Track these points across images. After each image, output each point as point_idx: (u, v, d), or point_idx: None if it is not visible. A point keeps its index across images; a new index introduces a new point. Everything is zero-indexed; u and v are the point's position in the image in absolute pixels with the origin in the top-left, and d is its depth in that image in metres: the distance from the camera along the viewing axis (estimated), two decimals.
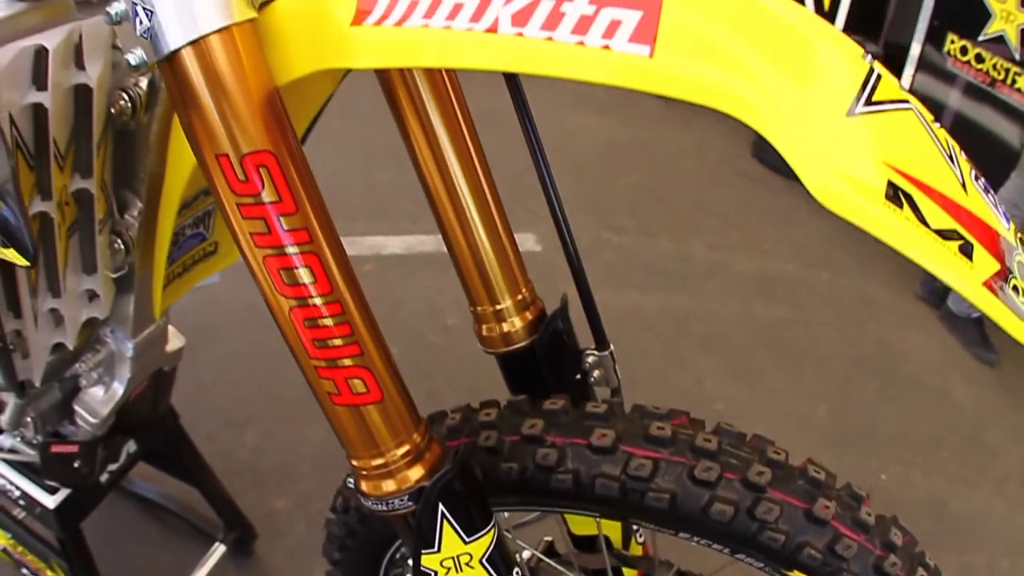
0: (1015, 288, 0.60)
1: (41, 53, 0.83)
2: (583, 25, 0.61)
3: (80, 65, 0.88)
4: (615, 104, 5.15)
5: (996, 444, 2.78)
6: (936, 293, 3.51)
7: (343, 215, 0.90)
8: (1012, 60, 3.64)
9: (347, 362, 0.76)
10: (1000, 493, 2.58)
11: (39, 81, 0.85)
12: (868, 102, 0.57)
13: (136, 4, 0.68)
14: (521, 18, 0.63)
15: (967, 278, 0.58)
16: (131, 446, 1.59)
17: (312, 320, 0.74)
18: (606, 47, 0.60)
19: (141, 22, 0.69)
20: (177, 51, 0.68)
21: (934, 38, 4.16)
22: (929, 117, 0.63)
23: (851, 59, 0.59)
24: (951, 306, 3.37)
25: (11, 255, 0.78)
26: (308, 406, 0.85)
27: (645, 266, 3.51)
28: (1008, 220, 0.63)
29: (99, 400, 1.27)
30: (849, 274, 3.62)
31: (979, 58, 3.87)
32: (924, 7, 4.18)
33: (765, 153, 4.81)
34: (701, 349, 2.99)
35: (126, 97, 0.91)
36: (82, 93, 0.89)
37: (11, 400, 1.27)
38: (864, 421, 2.77)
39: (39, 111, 0.86)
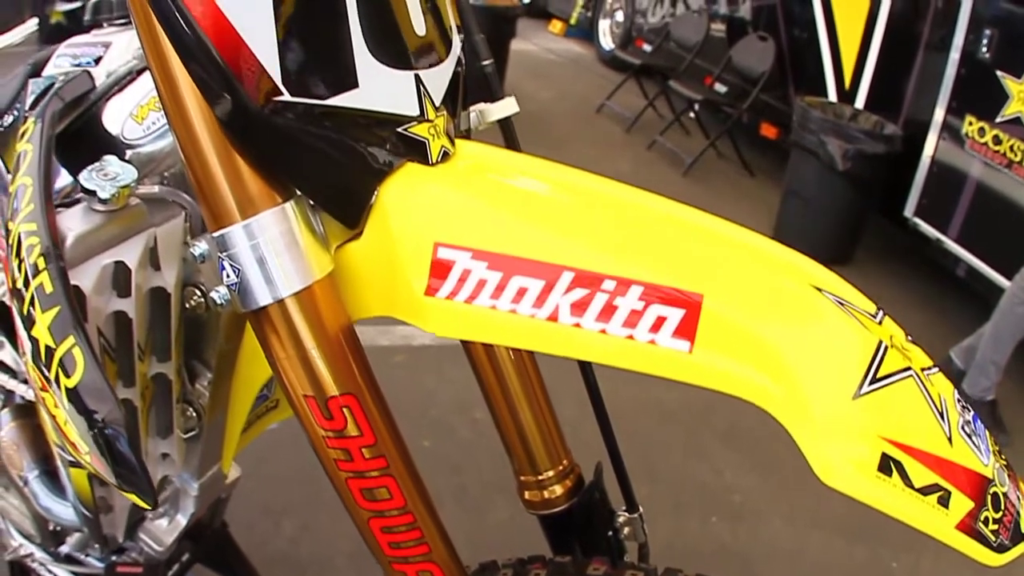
0: (986, 520, 0.69)
1: (123, 265, 0.91)
2: (633, 319, 0.71)
3: (156, 266, 0.95)
4: (630, 174, 5.27)
5: None
6: (951, 375, 3.53)
7: None
8: None
9: (418, 558, 0.87)
10: (1009, 573, 2.63)
11: (121, 290, 0.92)
12: (873, 380, 0.67)
13: (224, 259, 0.77)
14: (579, 308, 0.72)
15: (941, 525, 0.67)
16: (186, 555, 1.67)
17: (388, 528, 0.85)
18: (652, 342, 0.70)
19: (228, 276, 0.77)
20: (263, 307, 0.77)
21: (953, 119, 4.24)
22: (925, 367, 0.74)
23: (864, 341, 0.69)
24: (966, 390, 3.42)
25: (132, 498, 0.83)
26: None
27: None
28: (989, 455, 0.72)
29: (163, 530, 1.35)
30: None
31: (996, 140, 3.93)
32: (943, 88, 4.27)
33: (785, 233, 4.94)
34: (721, 441, 3.05)
35: (199, 293, 0.98)
36: (159, 292, 0.96)
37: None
38: (876, 511, 2.80)
39: (122, 316, 0.93)
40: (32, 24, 1.85)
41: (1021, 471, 2.44)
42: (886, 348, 0.69)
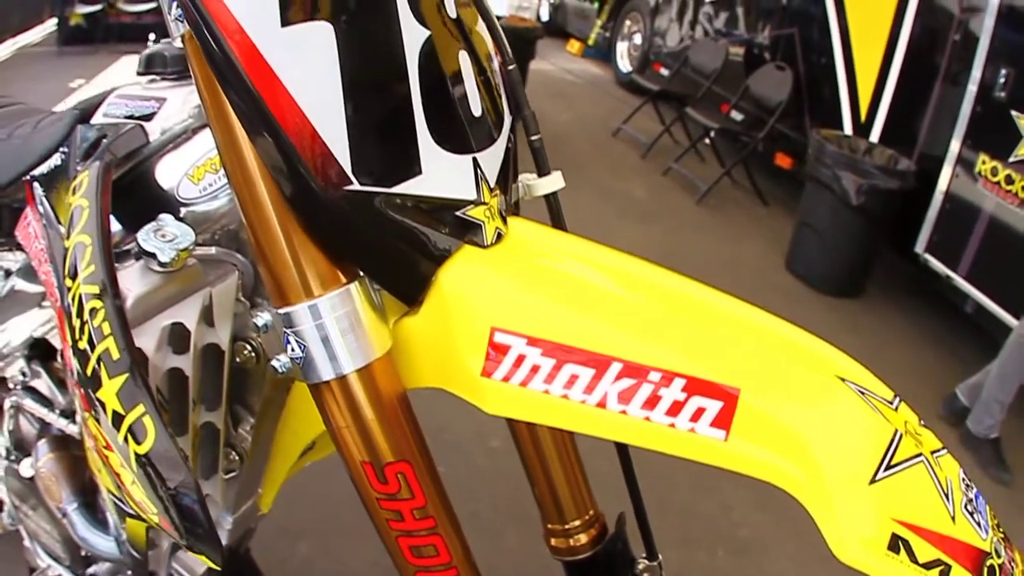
0: None
1: (182, 327, 0.94)
2: (675, 408, 0.77)
3: (210, 323, 0.99)
4: (654, 215, 5.31)
5: None
6: (956, 414, 3.60)
7: None
8: None
9: None
10: None
11: (177, 347, 0.96)
12: (888, 467, 0.74)
13: (289, 335, 0.81)
14: (626, 397, 0.78)
15: None
16: None
17: None
18: (691, 430, 0.77)
19: (293, 349, 0.82)
20: (325, 381, 0.82)
21: (966, 157, 4.27)
22: (935, 449, 0.81)
23: (881, 430, 0.76)
24: (970, 427, 3.46)
25: (201, 558, 0.87)
26: (361, 521, 0.92)
27: None
28: (988, 530, 0.79)
29: (196, 560, 1.39)
30: None
31: (1009, 179, 3.95)
32: (958, 125, 4.30)
33: (797, 264, 4.97)
34: (730, 478, 3.03)
35: (249, 348, 1.02)
36: (212, 348, 1.00)
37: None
38: None
39: (177, 373, 0.96)
40: (51, 24, 1.89)
41: (1021, 511, 2.47)
42: (901, 436, 0.76)
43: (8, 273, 1.42)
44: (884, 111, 5.14)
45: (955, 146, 4.34)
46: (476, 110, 0.90)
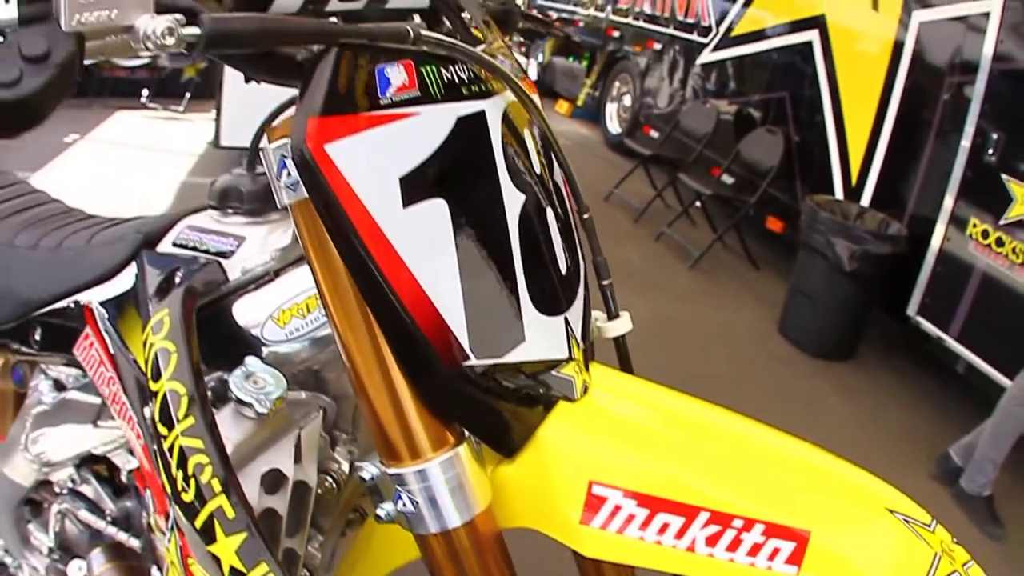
0: None
1: (278, 472, 0.99)
2: (754, 550, 0.87)
3: (298, 460, 1.03)
4: (649, 283, 5.40)
5: None
6: (949, 473, 3.65)
7: None
8: None
9: None
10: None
11: (269, 488, 1.00)
12: None
13: (401, 492, 0.87)
14: (712, 541, 0.88)
15: None
16: None
17: None
18: (768, 568, 0.87)
19: (404, 505, 0.87)
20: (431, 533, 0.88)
21: (957, 220, 4.30)
22: (965, 561, 0.92)
23: (923, 555, 0.88)
24: (964, 486, 3.51)
25: None
26: None
27: None
28: None
29: None
30: (870, 457, 3.69)
31: (1000, 242, 3.98)
32: (950, 188, 4.34)
33: (790, 329, 5.04)
34: None
35: (330, 480, 1.07)
36: (300, 485, 1.04)
37: None
38: None
39: (271, 512, 1.01)
40: None
41: (1017, 564, 2.54)
42: (939, 557, 0.87)
43: (59, 385, 1.42)
44: (875, 175, 5.18)
45: (946, 209, 4.37)
46: (563, 267, 0.97)
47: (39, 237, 1.40)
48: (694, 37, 7.82)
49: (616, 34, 9.61)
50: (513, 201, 0.91)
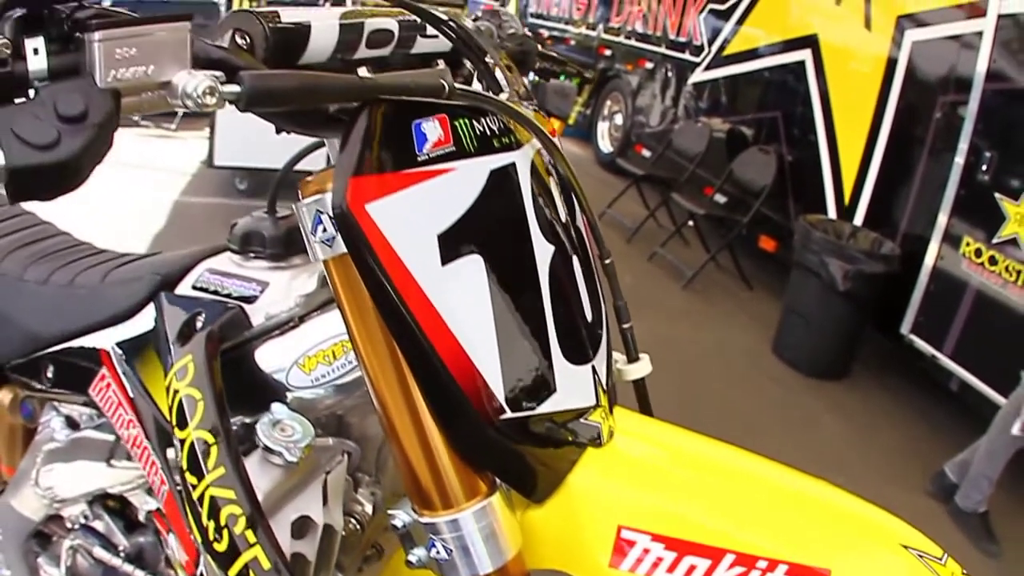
0: None
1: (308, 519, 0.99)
2: None
3: (324, 504, 1.03)
4: (643, 303, 5.34)
5: None
6: (945, 490, 3.67)
7: None
8: None
9: None
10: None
11: (297, 534, 1.01)
12: None
13: (435, 541, 0.87)
14: None
15: None
16: None
17: None
18: None
19: (439, 553, 0.88)
20: None
21: (950, 239, 4.31)
22: None
23: None
24: (959, 503, 3.52)
25: None
26: None
27: None
28: None
29: None
30: (864, 475, 3.77)
31: (992, 260, 4.00)
32: (943, 207, 4.36)
33: (784, 348, 5.05)
34: None
35: (354, 521, 1.08)
36: (327, 528, 1.04)
37: None
38: None
39: (299, 557, 1.01)
40: None
41: None
42: None
43: (72, 422, 1.42)
44: (868, 194, 5.19)
45: (939, 228, 4.39)
46: (588, 314, 0.98)
47: (50, 272, 1.39)
48: (686, 56, 7.83)
49: (608, 53, 9.58)
50: (543, 252, 0.92)
